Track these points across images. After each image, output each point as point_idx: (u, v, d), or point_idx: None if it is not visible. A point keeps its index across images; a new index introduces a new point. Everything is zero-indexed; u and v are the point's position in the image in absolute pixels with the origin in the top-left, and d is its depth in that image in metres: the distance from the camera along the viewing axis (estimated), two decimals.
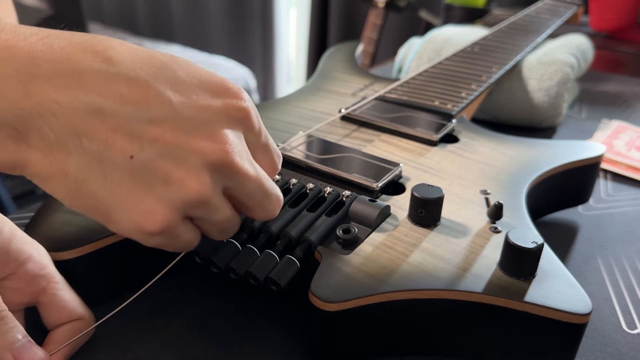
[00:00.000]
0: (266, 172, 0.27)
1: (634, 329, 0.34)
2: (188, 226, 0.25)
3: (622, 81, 0.80)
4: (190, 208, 0.24)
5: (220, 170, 0.24)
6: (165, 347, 0.31)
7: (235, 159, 0.24)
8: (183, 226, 0.25)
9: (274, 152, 0.28)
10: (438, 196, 0.32)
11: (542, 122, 0.61)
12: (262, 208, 0.27)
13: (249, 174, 0.25)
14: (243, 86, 1.71)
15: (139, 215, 0.23)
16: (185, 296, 0.34)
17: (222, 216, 0.26)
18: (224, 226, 0.26)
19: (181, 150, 0.23)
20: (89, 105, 0.22)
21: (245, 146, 0.26)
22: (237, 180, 0.25)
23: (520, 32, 0.67)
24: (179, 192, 0.23)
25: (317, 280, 0.28)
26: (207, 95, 0.24)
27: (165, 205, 0.23)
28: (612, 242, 0.43)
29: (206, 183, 0.24)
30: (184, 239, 0.25)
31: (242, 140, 0.25)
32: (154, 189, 0.23)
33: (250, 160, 0.25)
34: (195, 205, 0.24)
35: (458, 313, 0.29)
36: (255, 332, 0.32)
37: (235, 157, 0.24)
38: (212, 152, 0.23)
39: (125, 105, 0.22)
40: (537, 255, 0.29)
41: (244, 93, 0.26)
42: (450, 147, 0.42)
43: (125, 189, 0.23)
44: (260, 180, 0.26)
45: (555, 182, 0.41)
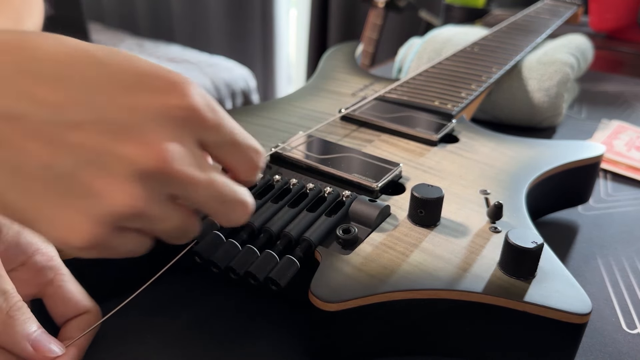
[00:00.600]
0: (242, 172, 0.25)
1: (633, 328, 0.34)
2: (127, 236, 0.23)
3: (622, 81, 0.80)
4: (121, 221, 0.21)
5: (156, 179, 0.21)
6: (165, 347, 0.31)
7: (172, 165, 0.21)
8: (119, 237, 0.22)
9: (248, 148, 0.25)
10: (438, 196, 0.32)
11: (542, 122, 0.61)
12: (222, 216, 0.25)
13: (196, 181, 0.22)
14: (243, 87, 1.71)
15: (63, 230, 0.21)
16: (185, 296, 0.34)
17: (168, 225, 0.23)
18: (173, 234, 0.24)
19: (105, 158, 0.21)
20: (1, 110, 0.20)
21: (194, 148, 0.23)
22: (181, 188, 0.22)
23: (520, 32, 0.67)
24: (102, 205, 0.21)
25: (317, 280, 0.28)
26: (144, 93, 0.22)
27: (90, 219, 0.21)
28: (612, 242, 0.43)
29: (136, 194, 0.21)
30: (125, 249, 0.23)
31: (188, 143, 0.22)
32: (75, 201, 0.21)
33: (200, 164, 0.23)
34: (126, 218, 0.21)
35: (458, 313, 0.29)
36: (255, 332, 0.32)
37: (172, 163, 0.21)
38: (142, 159, 0.21)
39: (43, 108, 0.20)
40: (537, 255, 0.29)
41: (189, 87, 0.22)
42: (450, 147, 0.42)
43: (46, 201, 0.21)
44: (213, 186, 0.23)
45: (555, 182, 0.41)
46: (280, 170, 0.38)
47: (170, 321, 0.32)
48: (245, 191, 0.25)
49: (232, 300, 0.34)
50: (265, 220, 0.32)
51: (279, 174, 0.37)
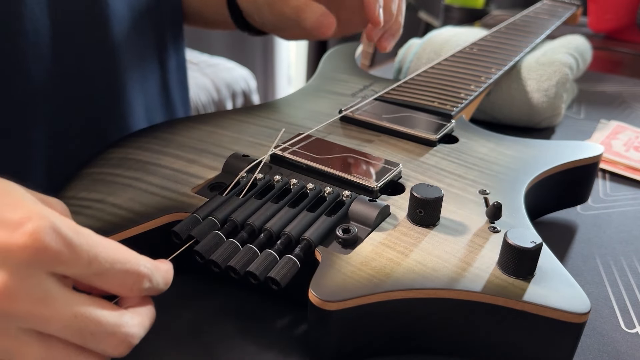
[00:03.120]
0: (118, 293, 0.25)
1: (632, 328, 0.34)
2: None
3: (620, 82, 0.80)
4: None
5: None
6: (165, 347, 0.31)
7: (8, 303, 0.21)
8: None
9: (119, 273, 0.25)
10: (437, 196, 0.32)
11: (541, 123, 0.61)
12: (93, 347, 0.24)
13: (40, 316, 0.22)
14: (243, 87, 1.71)
15: None
16: (185, 296, 0.35)
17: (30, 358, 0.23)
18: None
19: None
20: None
21: (45, 283, 0.22)
22: (30, 323, 0.22)
23: (519, 32, 0.67)
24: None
25: (317, 279, 0.28)
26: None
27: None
28: (610, 241, 0.43)
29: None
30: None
31: (35, 279, 0.22)
32: None
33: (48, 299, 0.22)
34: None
35: (457, 312, 0.29)
36: (255, 332, 0.32)
37: (7, 301, 0.21)
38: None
39: None
40: (535, 254, 0.29)
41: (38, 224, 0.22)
42: (449, 147, 0.43)
43: None
44: (67, 320, 0.23)
45: (554, 182, 0.41)
46: (280, 170, 0.38)
47: (170, 321, 0.33)
48: (119, 320, 0.24)
49: (232, 300, 0.34)
50: (266, 220, 0.32)
51: (279, 174, 0.37)
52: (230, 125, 0.45)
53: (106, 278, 0.24)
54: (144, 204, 0.34)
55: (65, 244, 0.22)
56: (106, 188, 0.36)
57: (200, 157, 0.40)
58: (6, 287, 0.21)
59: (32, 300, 0.22)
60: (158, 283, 0.27)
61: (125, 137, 0.43)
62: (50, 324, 0.23)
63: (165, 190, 0.36)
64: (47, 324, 0.23)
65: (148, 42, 0.54)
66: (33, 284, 0.22)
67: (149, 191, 0.36)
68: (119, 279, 0.25)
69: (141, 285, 0.26)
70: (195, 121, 0.45)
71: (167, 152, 0.40)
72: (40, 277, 0.22)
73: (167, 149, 0.41)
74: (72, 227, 0.23)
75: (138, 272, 0.25)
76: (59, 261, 0.22)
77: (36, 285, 0.22)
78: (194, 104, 1.51)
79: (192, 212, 0.33)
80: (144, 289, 0.26)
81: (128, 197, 0.35)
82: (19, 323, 0.22)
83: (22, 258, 0.22)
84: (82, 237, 0.23)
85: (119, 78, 0.50)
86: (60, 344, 0.24)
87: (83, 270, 0.23)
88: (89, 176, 0.37)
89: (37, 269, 0.22)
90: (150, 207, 0.34)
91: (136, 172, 0.38)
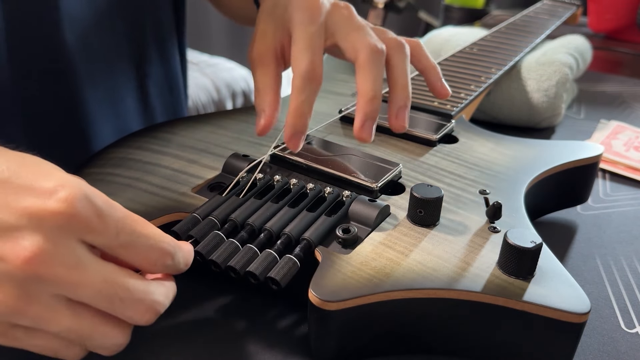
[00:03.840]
0: (143, 268, 0.26)
1: (632, 328, 0.34)
2: (20, 332, 0.24)
3: (620, 81, 0.80)
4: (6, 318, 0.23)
5: (29, 280, 0.22)
6: (165, 347, 0.31)
7: (40, 268, 0.22)
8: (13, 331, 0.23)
9: (146, 249, 0.25)
10: (437, 196, 0.32)
11: (541, 123, 0.61)
12: (121, 315, 0.25)
13: (72, 281, 0.23)
14: (243, 87, 1.71)
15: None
16: (185, 296, 0.35)
17: (59, 325, 0.24)
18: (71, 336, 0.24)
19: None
20: None
21: (75, 249, 0.23)
22: (59, 288, 0.23)
23: (519, 32, 0.67)
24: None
25: (317, 279, 0.28)
26: (26, 196, 0.22)
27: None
28: (610, 241, 0.43)
29: (10, 294, 0.22)
30: (28, 343, 0.24)
31: (66, 245, 0.23)
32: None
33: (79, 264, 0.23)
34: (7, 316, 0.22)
35: (457, 312, 0.29)
36: (256, 332, 0.32)
37: (40, 266, 0.22)
38: (11, 263, 0.22)
39: None
40: (535, 254, 0.29)
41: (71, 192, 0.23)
42: (449, 147, 0.43)
43: None
44: (97, 285, 0.23)
45: (554, 182, 0.41)
46: (280, 170, 0.38)
47: (170, 321, 0.33)
48: (147, 288, 0.25)
49: (232, 300, 0.34)
50: (266, 220, 0.32)
51: (279, 174, 0.37)
52: (230, 125, 0.45)
53: (132, 250, 0.25)
54: (143, 204, 0.34)
55: (96, 212, 0.23)
56: (106, 188, 0.36)
57: (200, 157, 0.40)
58: (41, 251, 0.22)
59: (65, 265, 0.23)
60: (179, 262, 0.27)
61: (125, 137, 0.43)
62: (81, 290, 0.23)
63: (165, 190, 0.36)
64: (78, 289, 0.23)
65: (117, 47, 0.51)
66: (66, 249, 0.23)
67: (149, 191, 0.36)
68: (143, 252, 0.25)
69: (164, 261, 0.26)
70: (195, 121, 0.45)
71: (167, 152, 0.40)
72: (73, 244, 0.23)
73: (167, 149, 0.41)
74: (102, 198, 0.24)
75: (162, 248, 0.26)
76: (90, 229, 0.23)
77: (69, 250, 0.23)
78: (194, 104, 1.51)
79: (191, 212, 0.33)
80: (166, 265, 0.27)
81: (128, 197, 0.35)
82: (51, 288, 0.23)
83: (56, 223, 0.22)
84: (111, 208, 0.24)
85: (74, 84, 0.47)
86: (88, 312, 0.24)
87: (111, 240, 0.24)
88: (89, 176, 0.37)
89: (69, 236, 0.23)
90: (150, 207, 0.34)
91: (136, 172, 0.38)
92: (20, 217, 0.22)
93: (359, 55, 0.35)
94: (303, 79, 0.34)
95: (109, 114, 0.52)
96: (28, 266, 0.22)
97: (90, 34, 0.48)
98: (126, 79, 0.53)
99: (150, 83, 0.57)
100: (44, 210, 0.22)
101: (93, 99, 0.49)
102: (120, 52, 0.52)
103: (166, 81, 0.59)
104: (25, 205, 0.22)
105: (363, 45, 0.35)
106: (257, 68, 0.38)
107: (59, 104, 0.47)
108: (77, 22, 0.46)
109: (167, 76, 0.59)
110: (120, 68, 0.52)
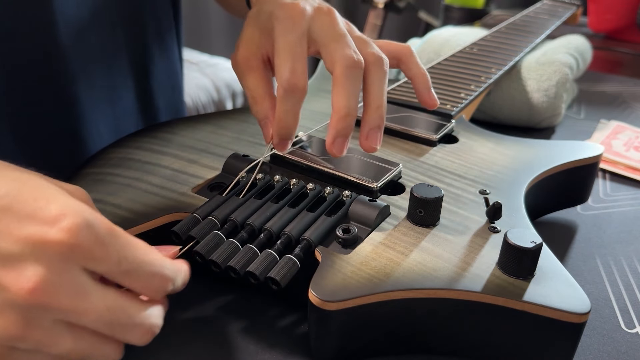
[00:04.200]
0: (144, 294, 0.26)
1: (632, 328, 0.34)
2: (22, 355, 0.24)
3: (620, 82, 0.80)
4: (6, 343, 0.23)
5: (32, 308, 0.22)
6: (165, 347, 0.31)
7: (43, 297, 0.22)
8: (14, 354, 0.23)
9: (147, 276, 0.25)
10: (437, 196, 0.32)
11: (541, 123, 0.61)
12: (121, 338, 0.25)
13: (74, 309, 0.23)
14: None
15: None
16: (185, 296, 0.35)
17: (61, 348, 0.24)
18: (75, 357, 0.24)
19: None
20: None
21: (77, 277, 0.23)
22: (63, 315, 0.23)
23: (519, 32, 0.67)
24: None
25: (317, 279, 0.28)
26: (29, 224, 0.22)
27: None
28: (610, 241, 0.43)
29: (10, 321, 0.22)
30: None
31: (68, 273, 0.23)
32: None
33: (81, 292, 0.23)
34: (6, 341, 0.23)
35: (457, 312, 0.29)
36: (256, 332, 0.32)
37: (43, 294, 0.22)
38: (13, 289, 0.22)
39: None
40: (535, 254, 0.29)
41: (73, 220, 0.23)
42: (449, 147, 0.43)
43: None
44: (99, 312, 0.24)
45: (554, 182, 0.41)
46: (280, 170, 0.38)
47: (170, 321, 0.33)
48: (145, 313, 0.26)
49: (232, 301, 0.34)
50: (266, 220, 0.32)
51: (279, 174, 0.37)
52: (230, 125, 0.45)
53: (134, 278, 0.25)
54: (143, 204, 0.34)
55: (98, 241, 0.23)
56: (106, 188, 0.36)
57: (200, 157, 0.40)
58: (44, 281, 0.22)
59: (68, 295, 0.23)
60: (178, 285, 0.27)
61: (125, 137, 0.43)
62: (84, 317, 0.23)
63: (165, 190, 0.36)
64: (81, 316, 0.23)
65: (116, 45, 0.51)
66: (69, 278, 0.23)
67: (149, 191, 0.36)
68: (145, 279, 0.25)
69: (166, 287, 0.26)
70: (195, 121, 0.45)
71: (167, 152, 0.40)
72: (76, 272, 0.23)
73: (167, 149, 0.41)
74: (105, 225, 0.24)
75: (163, 275, 0.26)
76: (92, 257, 0.23)
77: (72, 279, 0.23)
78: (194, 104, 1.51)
79: (192, 212, 0.33)
80: (167, 290, 0.27)
81: (128, 197, 0.35)
82: (54, 316, 0.23)
83: (59, 253, 0.22)
84: (114, 236, 0.24)
85: (70, 85, 0.47)
86: (88, 335, 0.25)
87: (113, 268, 0.24)
88: (88, 176, 0.37)
89: (72, 264, 0.23)
90: (150, 207, 0.34)
91: (136, 172, 0.38)
92: (23, 246, 0.22)
93: (335, 67, 0.34)
94: (285, 89, 0.33)
95: (107, 114, 0.52)
96: (31, 296, 0.22)
97: (86, 33, 0.47)
98: (125, 78, 0.53)
99: (152, 82, 0.56)
100: (46, 239, 0.22)
101: (89, 99, 0.49)
102: (119, 51, 0.51)
103: (168, 79, 0.59)
104: (27, 234, 0.22)
105: (340, 58, 0.34)
106: (246, 74, 0.36)
107: (54, 105, 0.47)
108: (71, 22, 0.45)
109: (168, 73, 0.59)
110: (119, 67, 0.52)
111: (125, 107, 0.54)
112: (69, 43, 0.46)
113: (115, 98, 0.52)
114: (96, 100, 0.50)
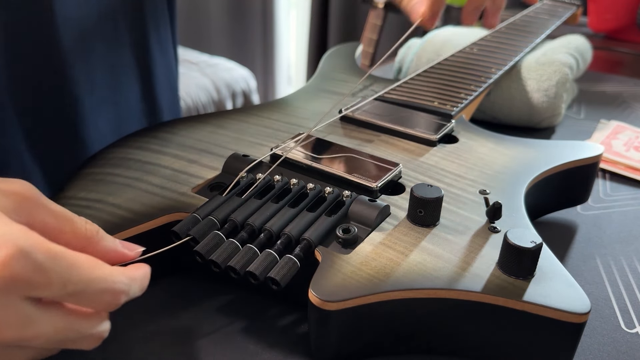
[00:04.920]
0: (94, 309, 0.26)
1: (632, 328, 0.34)
2: None
3: (620, 81, 0.80)
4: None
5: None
6: (165, 347, 0.31)
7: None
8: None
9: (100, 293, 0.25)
10: (437, 196, 0.32)
11: (541, 123, 0.61)
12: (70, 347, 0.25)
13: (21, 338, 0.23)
14: (243, 87, 1.71)
15: None
16: (185, 296, 0.35)
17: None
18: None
19: None
20: None
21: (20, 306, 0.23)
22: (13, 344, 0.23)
23: (519, 32, 0.67)
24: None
25: (317, 279, 0.28)
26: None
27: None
28: (610, 241, 0.43)
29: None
30: None
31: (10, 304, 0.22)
32: None
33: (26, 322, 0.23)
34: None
35: (457, 312, 0.29)
36: (255, 332, 0.32)
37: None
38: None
39: None
40: (535, 254, 0.29)
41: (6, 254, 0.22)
42: (449, 147, 0.43)
43: None
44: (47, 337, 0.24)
45: (554, 182, 0.41)
46: (280, 170, 0.38)
47: (170, 321, 0.33)
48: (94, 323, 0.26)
49: (232, 300, 0.34)
50: (266, 220, 0.32)
51: (279, 174, 0.37)
52: (230, 125, 0.45)
53: (82, 298, 0.24)
54: (143, 204, 0.34)
55: (37, 269, 0.22)
56: (106, 188, 0.36)
57: (200, 157, 0.40)
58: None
59: (13, 327, 0.23)
60: (135, 293, 0.27)
61: (125, 137, 0.43)
62: (33, 342, 0.24)
63: (165, 190, 0.36)
64: (30, 342, 0.24)
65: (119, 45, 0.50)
66: (11, 310, 0.22)
67: (149, 191, 0.36)
68: (95, 297, 0.25)
69: (119, 300, 0.26)
70: (195, 121, 0.45)
71: (167, 152, 0.40)
72: (18, 303, 0.23)
73: (167, 149, 0.41)
74: (43, 249, 0.23)
75: (114, 289, 0.25)
76: (32, 286, 0.22)
77: (14, 311, 0.22)
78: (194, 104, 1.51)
79: (192, 212, 0.33)
80: (121, 302, 0.26)
81: (128, 197, 0.35)
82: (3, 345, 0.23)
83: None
84: (54, 259, 0.23)
85: (73, 86, 0.46)
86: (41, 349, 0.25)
87: (57, 292, 0.23)
88: (88, 176, 0.37)
89: (12, 297, 0.22)
90: (150, 207, 0.34)
91: (136, 172, 0.38)
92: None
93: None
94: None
95: (110, 115, 0.52)
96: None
97: (88, 34, 0.47)
98: (128, 78, 0.53)
99: (154, 82, 0.56)
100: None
101: (92, 101, 0.49)
102: (122, 51, 0.51)
103: (167, 79, 0.59)
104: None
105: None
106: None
107: (57, 106, 0.47)
108: (73, 23, 0.45)
109: (167, 73, 0.59)
110: (122, 67, 0.52)
111: (129, 107, 0.54)
112: (71, 45, 0.46)
113: (118, 99, 0.53)
114: (99, 101, 0.50)
